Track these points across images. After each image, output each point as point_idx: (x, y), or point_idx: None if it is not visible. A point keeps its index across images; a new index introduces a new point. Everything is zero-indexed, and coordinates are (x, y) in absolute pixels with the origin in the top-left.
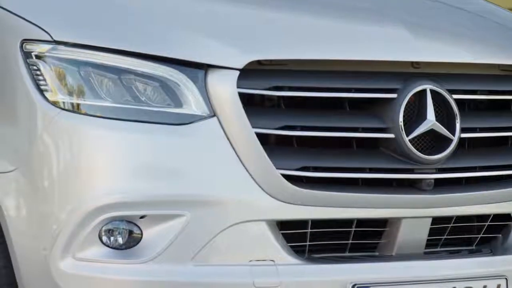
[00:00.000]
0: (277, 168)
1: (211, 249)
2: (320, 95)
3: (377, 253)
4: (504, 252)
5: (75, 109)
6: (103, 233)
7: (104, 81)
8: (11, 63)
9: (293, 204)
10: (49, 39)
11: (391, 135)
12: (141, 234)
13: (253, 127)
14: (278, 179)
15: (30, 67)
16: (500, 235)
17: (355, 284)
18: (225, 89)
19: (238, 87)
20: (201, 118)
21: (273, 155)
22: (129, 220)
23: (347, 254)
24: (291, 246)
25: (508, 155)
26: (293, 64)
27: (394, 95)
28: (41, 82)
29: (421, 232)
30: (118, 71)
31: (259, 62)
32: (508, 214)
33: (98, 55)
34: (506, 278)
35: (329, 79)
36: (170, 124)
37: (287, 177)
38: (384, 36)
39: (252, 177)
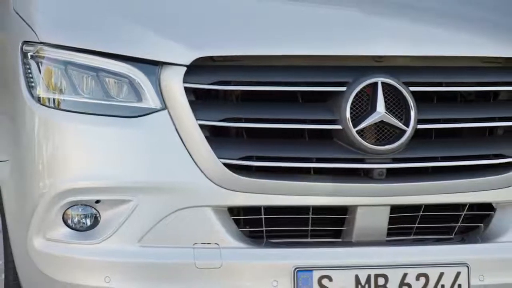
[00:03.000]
0: (219, 158)
1: (157, 232)
2: (264, 88)
3: (340, 240)
4: (483, 241)
5: (49, 103)
6: (66, 216)
7: (75, 78)
8: (15, 63)
9: (241, 191)
10: (37, 40)
11: (339, 127)
12: (99, 217)
13: (197, 119)
14: (220, 167)
15: (25, 66)
16: (482, 225)
17: (296, 268)
18: (173, 84)
19: (184, 82)
20: (154, 111)
21: (216, 145)
22: (87, 205)
23: (308, 240)
24: (251, 231)
25: (476, 146)
26: (247, 59)
27: (343, 88)
28: (30, 80)
29: (380, 220)
30: (87, 68)
31: (211, 58)
32: (490, 204)
33: (72, 55)
34: (467, 266)
35: (279, 73)
36: (128, 117)
37: (230, 166)
38: (345, 30)
39: (197, 166)
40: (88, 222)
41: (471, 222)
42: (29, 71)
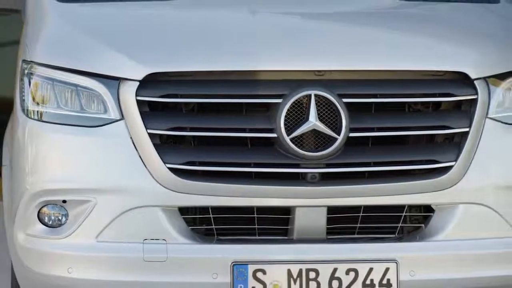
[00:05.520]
0: (165, 163)
1: (112, 229)
2: (209, 101)
3: (286, 237)
4: (421, 239)
5: (33, 115)
6: (41, 214)
7: (54, 92)
8: (16, 78)
9: (186, 193)
10: (29, 59)
11: (274, 135)
12: (67, 215)
13: (147, 128)
14: (167, 171)
15: (21, 82)
16: (423, 225)
17: (233, 262)
18: (128, 96)
19: (137, 95)
20: (113, 121)
21: (164, 152)
22: (57, 204)
23: (256, 237)
24: (207, 230)
25: (410, 152)
26: (196, 74)
27: (279, 100)
28: (23, 94)
29: (318, 220)
30: (63, 84)
31: (165, 73)
32: (429, 206)
33: (52, 72)
34: (396, 263)
35: (224, 87)
36: (92, 127)
37: (175, 170)
38: (289, 45)
39: (148, 170)
40: (58, 220)
41: (417, 223)
42: (23, 86)
